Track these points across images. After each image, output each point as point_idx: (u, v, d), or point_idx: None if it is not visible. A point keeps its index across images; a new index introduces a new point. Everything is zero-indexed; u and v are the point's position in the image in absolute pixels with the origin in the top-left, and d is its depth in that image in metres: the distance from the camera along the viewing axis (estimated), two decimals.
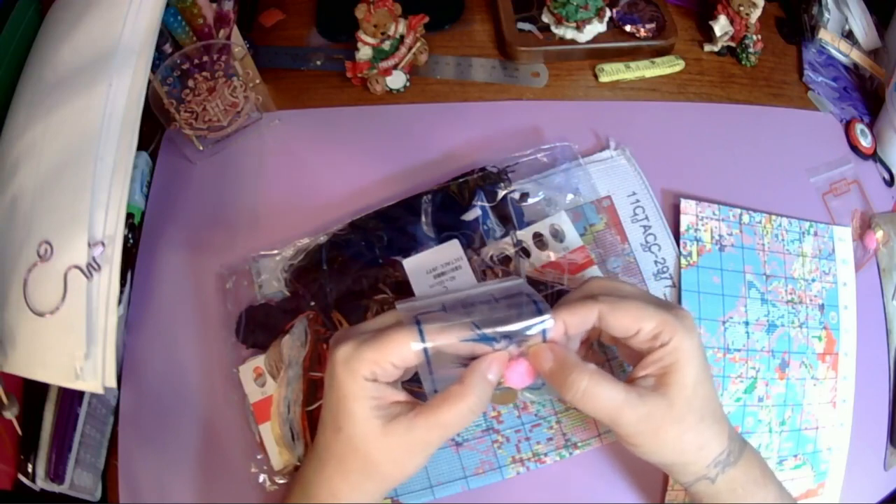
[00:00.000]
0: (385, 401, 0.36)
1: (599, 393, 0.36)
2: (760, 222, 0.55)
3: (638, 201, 0.55)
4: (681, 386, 0.37)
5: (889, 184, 0.62)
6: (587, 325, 0.38)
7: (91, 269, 0.37)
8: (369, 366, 0.35)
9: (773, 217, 0.56)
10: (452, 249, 0.50)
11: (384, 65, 0.60)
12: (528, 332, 0.36)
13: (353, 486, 0.37)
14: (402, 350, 0.35)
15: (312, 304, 0.48)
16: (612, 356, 0.48)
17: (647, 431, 0.37)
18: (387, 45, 0.60)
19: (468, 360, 0.36)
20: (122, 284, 0.49)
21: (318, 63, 0.63)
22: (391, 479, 0.37)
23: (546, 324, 0.36)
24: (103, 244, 0.38)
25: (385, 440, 0.35)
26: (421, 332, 0.35)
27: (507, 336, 0.36)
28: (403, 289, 0.48)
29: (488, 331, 0.35)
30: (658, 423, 0.36)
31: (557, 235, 0.52)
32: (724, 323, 0.51)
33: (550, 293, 0.48)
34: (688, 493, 0.40)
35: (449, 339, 0.35)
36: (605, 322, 0.38)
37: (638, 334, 0.38)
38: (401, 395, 0.37)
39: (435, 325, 0.35)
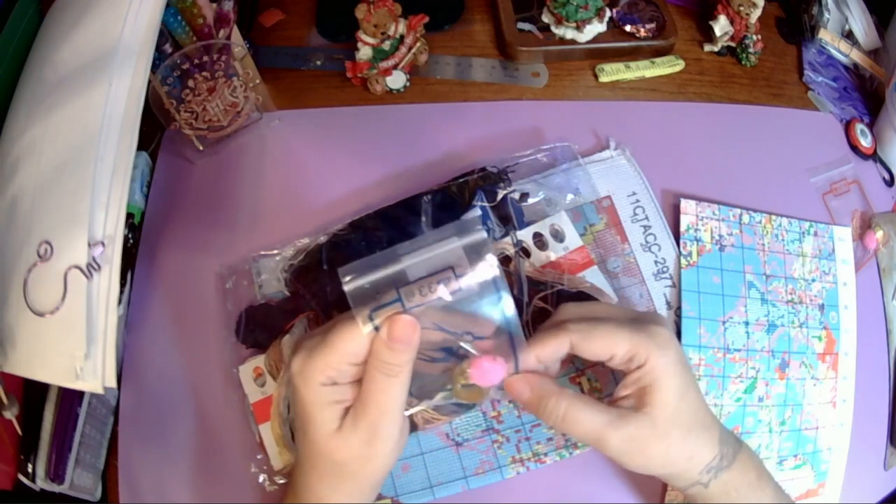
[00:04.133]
0: (348, 402, 0.36)
1: (579, 417, 0.36)
2: (760, 222, 0.55)
3: (638, 201, 0.55)
4: (662, 404, 0.37)
5: (889, 184, 0.62)
6: (559, 355, 0.38)
7: (91, 269, 0.37)
8: (323, 372, 0.35)
9: (773, 217, 0.56)
10: None
11: (384, 65, 0.60)
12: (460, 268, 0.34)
13: (333, 488, 0.37)
14: (352, 346, 0.34)
15: (312, 304, 0.48)
16: None
17: (633, 451, 0.37)
18: (387, 45, 0.60)
19: (443, 353, 0.36)
20: (122, 284, 0.49)
21: (318, 63, 0.63)
22: (364, 476, 0.36)
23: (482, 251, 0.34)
24: (103, 244, 0.38)
25: (340, 439, 0.35)
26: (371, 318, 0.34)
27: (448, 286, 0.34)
28: None
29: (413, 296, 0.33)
30: (643, 442, 0.37)
31: (557, 235, 0.52)
32: (724, 323, 0.51)
33: (550, 293, 0.48)
34: (684, 495, 0.40)
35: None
36: (578, 350, 0.38)
37: (612, 359, 0.38)
38: None
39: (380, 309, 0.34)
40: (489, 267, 0.34)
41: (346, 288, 0.33)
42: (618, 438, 0.36)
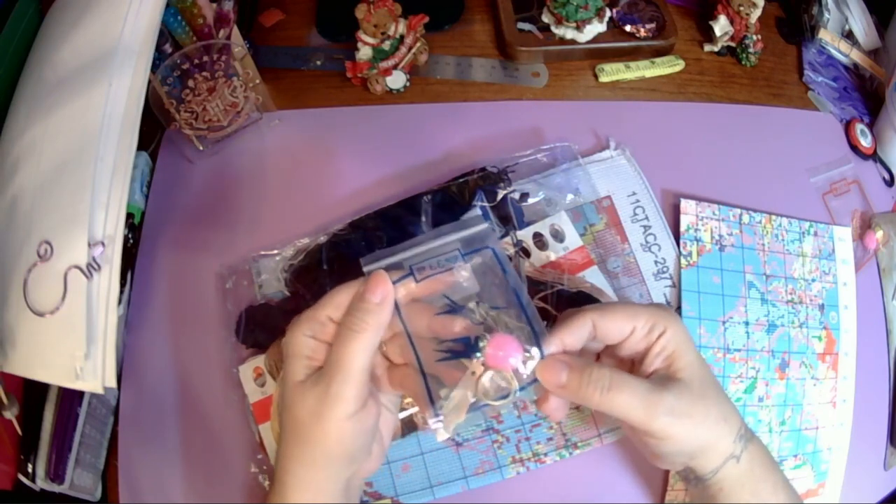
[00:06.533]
0: (319, 361, 0.36)
1: (624, 385, 0.36)
2: (760, 222, 0.55)
3: (638, 201, 0.55)
4: (692, 366, 0.38)
5: (889, 184, 0.62)
6: (583, 337, 0.38)
7: (91, 269, 0.37)
8: (307, 323, 0.37)
9: (773, 217, 0.56)
10: None
11: (384, 65, 0.60)
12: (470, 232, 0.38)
13: (295, 458, 0.36)
14: (336, 298, 0.37)
15: (312, 303, 0.48)
16: None
17: (681, 418, 0.36)
18: (387, 45, 0.60)
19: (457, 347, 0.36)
20: (122, 284, 0.49)
21: (318, 63, 0.63)
22: (315, 439, 0.35)
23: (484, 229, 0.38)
24: (103, 244, 0.38)
25: (301, 391, 0.35)
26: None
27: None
28: None
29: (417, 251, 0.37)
30: (687, 406, 0.36)
31: (557, 235, 0.52)
32: (724, 323, 0.51)
33: (550, 293, 0.48)
34: (710, 488, 0.38)
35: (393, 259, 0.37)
36: (600, 328, 0.38)
37: (633, 333, 0.38)
38: None
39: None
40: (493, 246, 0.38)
41: (365, 270, 0.37)
42: (665, 405, 0.36)
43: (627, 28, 0.64)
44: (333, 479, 0.37)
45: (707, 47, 0.67)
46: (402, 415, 0.44)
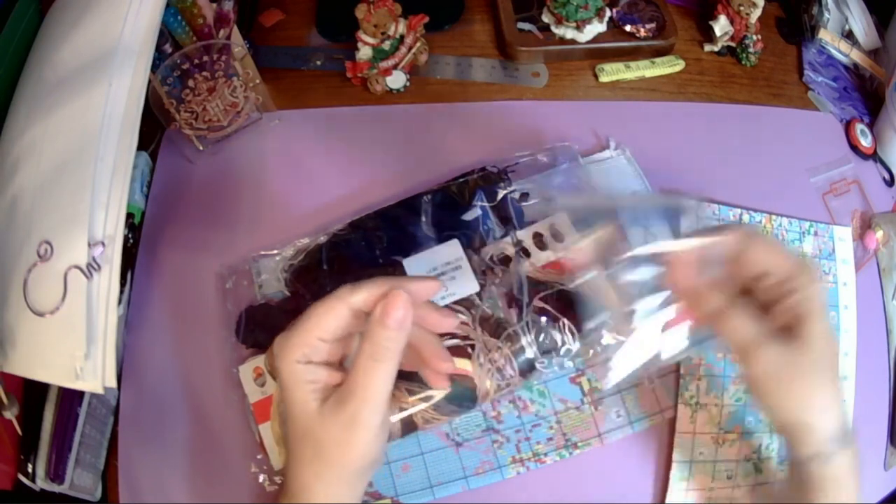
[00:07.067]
0: (322, 383, 0.36)
1: (737, 314, 0.35)
2: (760, 222, 0.55)
3: None
4: (817, 335, 0.35)
5: (889, 184, 0.62)
6: (727, 247, 0.37)
7: (91, 269, 0.37)
8: (298, 348, 0.35)
9: (773, 217, 0.56)
10: (452, 249, 0.50)
11: (384, 65, 0.60)
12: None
13: (316, 475, 0.36)
14: (325, 320, 0.35)
15: (312, 304, 0.48)
16: None
17: (780, 377, 0.35)
18: (387, 45, 0.60)
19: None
20: (122, 284, 0.49)
21: (318, 63, 0.63)
22: (345, 463, 0.35)
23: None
24: (103, 244, 0.38)
25: (322, 420, 0.35)
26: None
27: None
28: None
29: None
30: (793, 370, 0.35)
31: (557, 235, 0.52)
32: None
33: (550, 293, 0.48)
34: (795, 474, 0.37)
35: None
36: (744, 250, 0.37)
37: (768, 276, 0.37)
38: (342, 378, 0.36)
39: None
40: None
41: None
42: (770, 355, 0.34)
43: (627, 28, 0.64)
44: (357, 492, 0.37)
45: (707, 47, 0.67)
46: (402, 415, 0.44)
